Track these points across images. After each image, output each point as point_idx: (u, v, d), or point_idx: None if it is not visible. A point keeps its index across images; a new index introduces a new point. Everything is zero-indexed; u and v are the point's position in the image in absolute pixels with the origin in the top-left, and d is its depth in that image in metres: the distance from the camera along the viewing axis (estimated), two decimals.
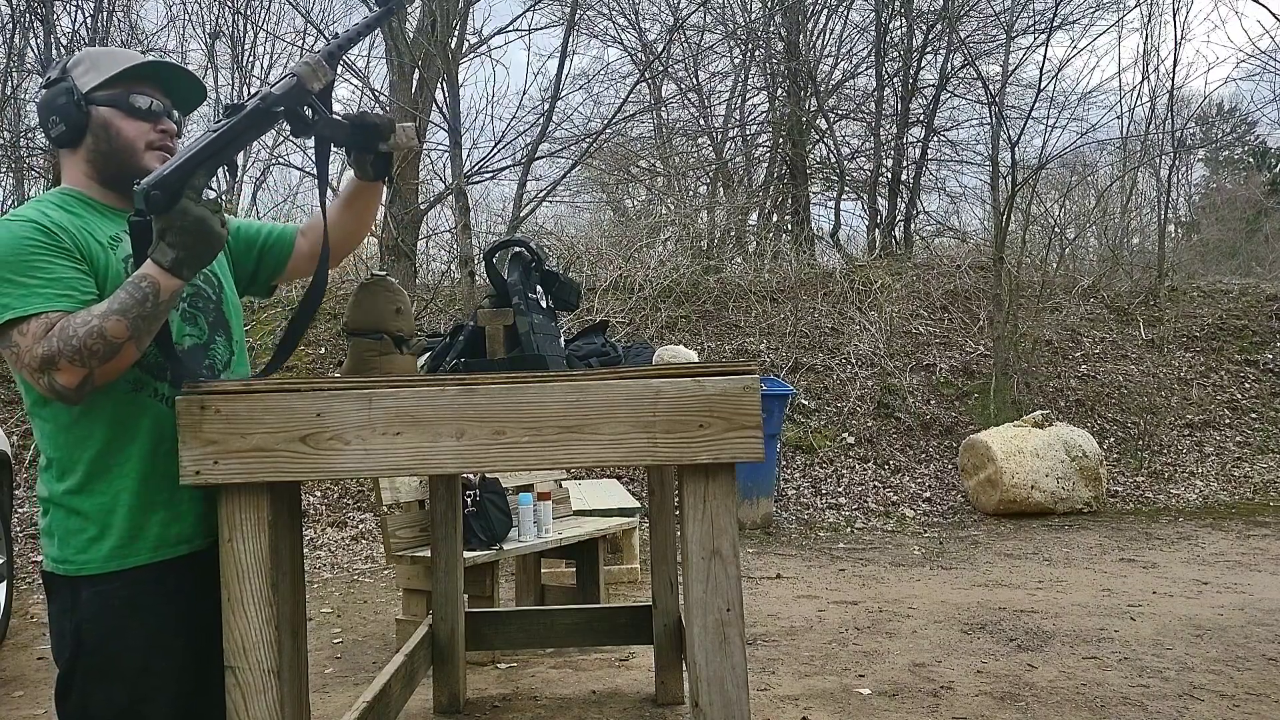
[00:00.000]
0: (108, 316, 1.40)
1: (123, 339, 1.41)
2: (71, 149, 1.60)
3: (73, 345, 1.39)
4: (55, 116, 1.57)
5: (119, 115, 1.58)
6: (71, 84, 1.57)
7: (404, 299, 1.81)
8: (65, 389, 1.41)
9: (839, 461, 8.16)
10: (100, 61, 1.60)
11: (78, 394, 1.43)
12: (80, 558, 1.53)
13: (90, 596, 1.53)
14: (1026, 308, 9.73)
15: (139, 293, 1.42)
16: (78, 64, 1.60)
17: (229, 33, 11.38)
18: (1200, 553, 6.07)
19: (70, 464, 1.54)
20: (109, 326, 1.40)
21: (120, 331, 1.40)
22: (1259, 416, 9.18)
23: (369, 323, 1.77)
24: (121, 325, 1.40)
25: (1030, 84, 11.98)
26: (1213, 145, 20.19)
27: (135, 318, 1.41)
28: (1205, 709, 3.29)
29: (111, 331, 1.40)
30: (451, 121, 8.76)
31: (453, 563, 3.38)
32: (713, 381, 1.51)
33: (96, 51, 1.63)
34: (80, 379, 1.41)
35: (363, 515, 6.83)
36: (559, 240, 11.42)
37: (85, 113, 1.57)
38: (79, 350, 1.39)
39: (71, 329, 1.40)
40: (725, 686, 1.52)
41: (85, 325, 1.40)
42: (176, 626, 1.57)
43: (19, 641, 4.46)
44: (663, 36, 12.05)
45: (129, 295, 1.42)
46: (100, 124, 1.57)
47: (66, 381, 1.40)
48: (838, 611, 4.73)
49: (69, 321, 1.41)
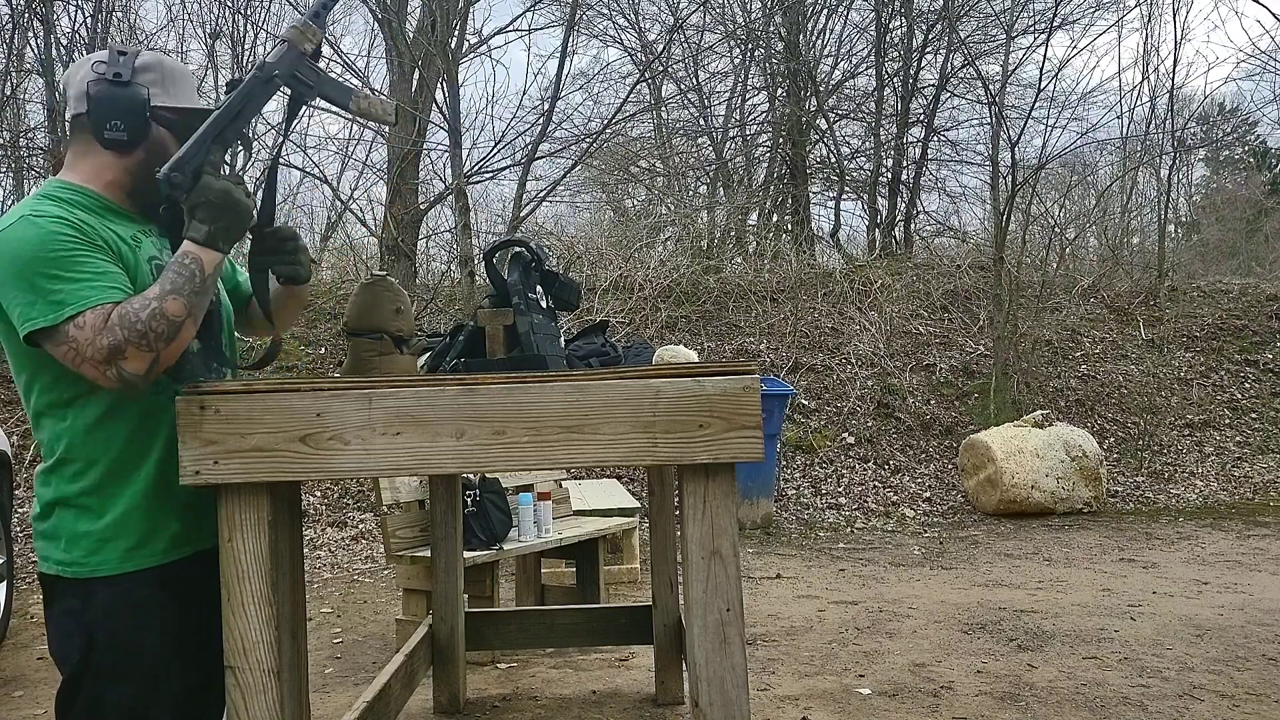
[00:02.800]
0: (164, 298, 1.42)
1: (182, 317, 1.44)
2: (117, 153, 1.57)
3: (138, 330, 1.40)
4: (119, 120, 1.54)
5: (172, 141, 1.57)
6: (146, 94, 1.55)
7: (404, 299, 1.81)
8: (135, 375, 1.42)
9: (839, 461, 8.16)
10: (172, 81, 1.60)
11: (146, 379, 1.44)
12: (93, 559, 1.53)
13: (106, 597, 1.53)
14: (1026, 308, 9.73)
15: (185, 270, 1.45)
16: (146, 70, 1.57)
17: (229, 33, 11.37)
18: (1200, 553, 6.07)
19: (89, 463, 1.53)
20: (168, 306, 1.42)
21: (179, 310, 1.43)
22: (1259, 416, 9.18)
23: (369, 323, 1.77)
24: (179, 303, 1.43)
25: (1030, 84, 12.01)
26: (1213, 145, 20.20)
27: (189, 294, 1.45)
28: (1205, 709, 3.29)
29: (171, 311, 1.42)
30: (451, 121, 8.76)
31: (453, 563, 3.38)
32: (713, 381, 1.51)
33: (168, 65, 1.62)
34: (149, 364, 1.42)
35: (363, 515, 6.83)
36: (559, 240, 11.42)
37: (149, 127, 1.57)
38: (145, 334, 1.40)
39: (133, 314, 1.41)
40: (725, 686, 1.52)
41: (146, 309, 1.41)
42: (186, 625, 1.58)
43: (19, 641, 4.46)
44: (663, 36, 12.06)
45: (177, 274, 1.45)
46: (157, 141, 1.57)
47: (135, 368, 1.41)
48: (838, 611, 4.73)
49: (127, 308, 1.41)
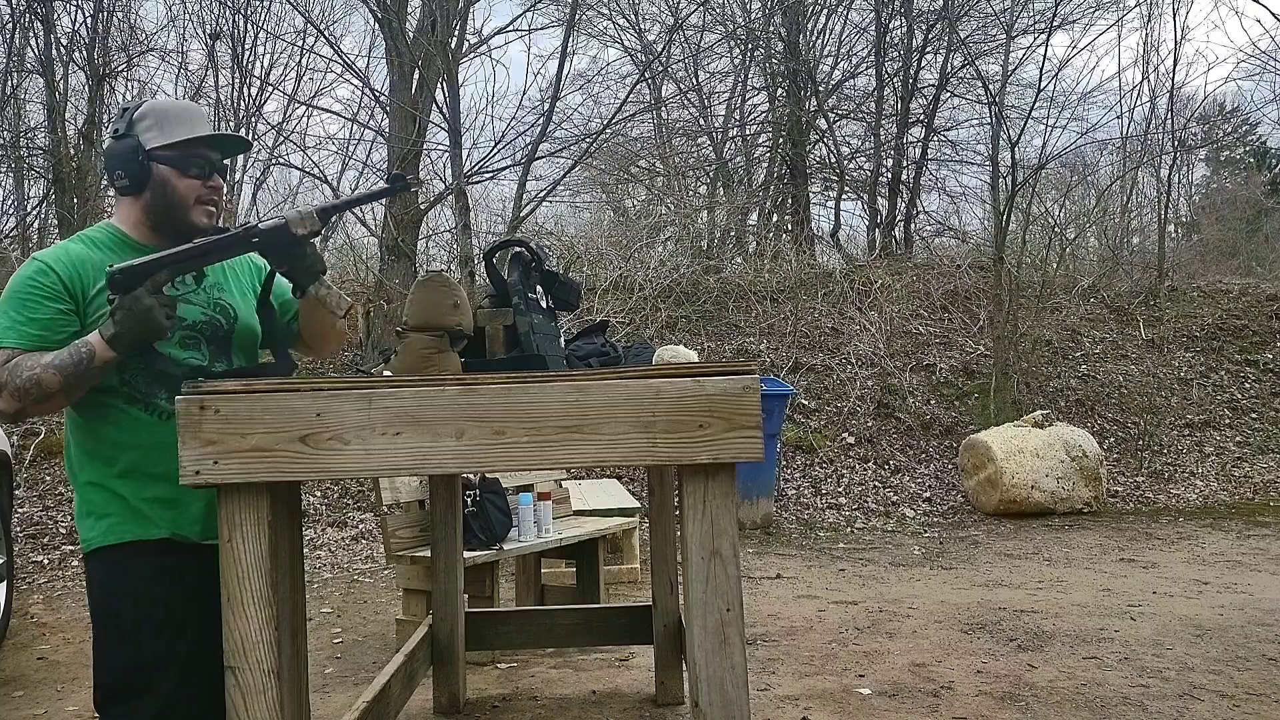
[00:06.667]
0: (48, 369, 1.67)
1: (54, 391, 1.67)
2: (132, 197, 1.82)
3: (15, 384, 1.67)
4: (121, 171, 1.80)
5: (176, 175, 1.80)
6: (137, 142, 1.79)
7: (460, 294, 1.82)
8: (2, 412, 1.70)
9: (839, 461, 8.16)
10: (165, 122, 1.81)
11: (10, 420, 1.74)
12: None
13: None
14: (1026, 308, 9.72)
15: (77, 355, 1.68)
16: (143, 118, 1.81)
17: (229, 33, 11.37)
18: (1200, 553, 6.07)
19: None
20: (46, 377, 1.66)
21: (53, 385, 1.67)
22: (1259, 416, 9.18)
23: (429, 320, 1.77)
24: (56, 380, 1.67)
25: (1030, 84, 11.99)
26: (1213, 145, 20.19)
27: (69, 375, 1.67)
28: (1205, 709, 3.29)
29: (46, 382, 1.66)
30: (451, 121, 8.76)
31: (452, 563, 3.38)
32: (713, 381, 1.51)
33: (163, 108, 1.85)
34: (14, 411, 1.69)
35: (363, 515, 6.83)
36: (559, 240, 11.41)
37: (147, 169, 1.80)
38: (18, 389, 1.67)
39: (21, 369, 1.67)
40: (725, 686, 1.52)
41: (29, 370, 1.67)
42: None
43: (19, 641, 4.45)
44: (662, 36, 12.06)
45: (69, 355, 1.68)
46: (160, 181, 1.80)
47: (3, 407, 1.69)
48: (838, 611, 4.73)
49: (22, 362, 1.68)
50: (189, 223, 1.81)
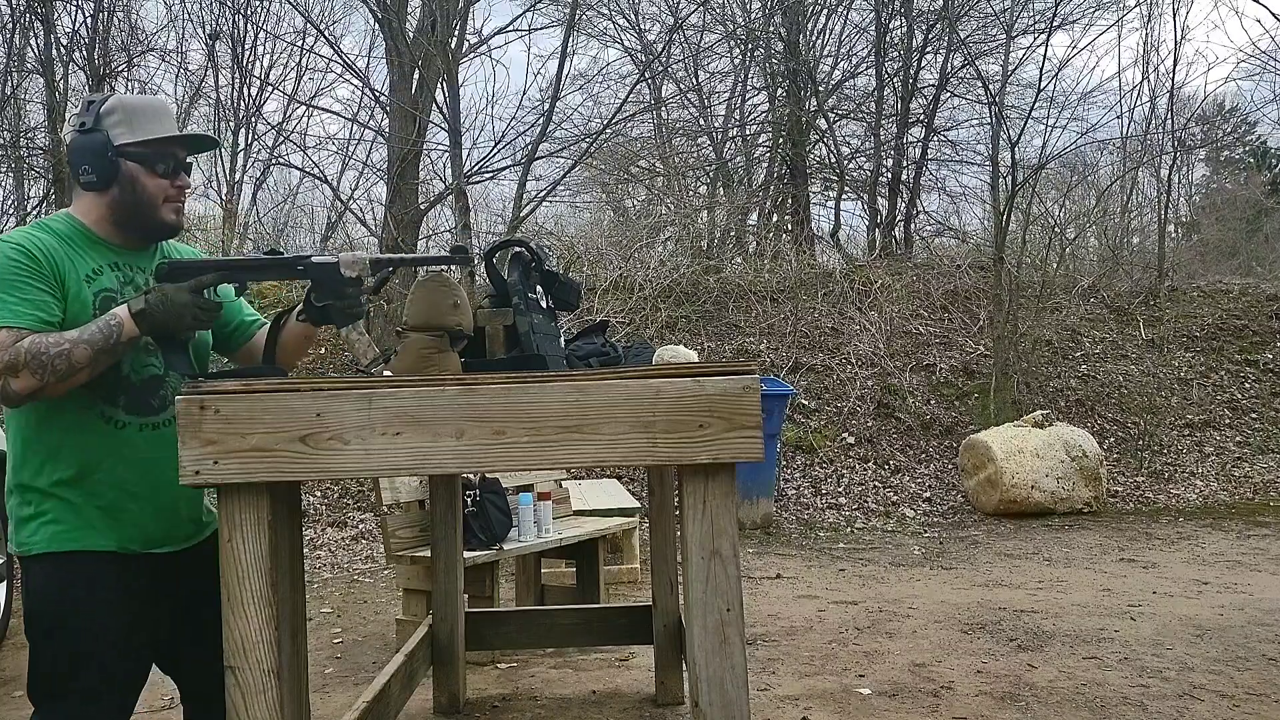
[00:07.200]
0: (79, 344, 1.64)
1: (83, 366, 1.64)
2: (97, 193, 1.78)
3: (39, 360, 1.61)
4: (88, 165, 1.75)
5: (144, 172, 1.78)
6: (106, 137, 1.75)
7: (461, 293, 1.82)
8: (16, 394, 1.63)
9: (839, 461, 8.16)
10: (134, 118, 1.78)
11: (23, 400, 1.65)
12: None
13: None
14: (1026, 308, 9.72)
15: (106, 329, 1.66)
16: (111, 113, 1.77)
17: (229, 33, 11.38)
18: (1200, 553, 6.07)
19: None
20: (77, 353, 1.63)
21: (83, 359, 1.64)
22: (1259, 416, 9.18)
23: (430, 320, 1.77)
24: (87, 354, 1.64)
25: (1030, 84, 11.97)
26: (1213, 145, 20.19)
27: (98, 350, 1.65)
28: (1205, 709, 3.29)
29: (76, 356, 1.63)
30: (451, 121, 8.76)
31: (452, 563, 3.38)
32: (713, 381, 1.51)
33: (131, 104, 1.80)
34: (34, 388, 1.63)
35: (363, 515, 6.83)
36: (559, 240, 11.41)
37: (116, 166, 1.76)
38: (45, 365, 1.61)
39: (44, 345, 1.62)
40: (725, 686, 1.52)
41: (58, 346, 1.62)
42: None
43: (19, 641, 4.45)
44: (662, 36, 12.05)
45: (99, 330, 1.66)
46: (128, 177, 1.77)
47: (20, 388, 1.62)
48: (838, 611, 4.73)
49: (43, 339, 1.63)
50: (157, 221, 1.81)
